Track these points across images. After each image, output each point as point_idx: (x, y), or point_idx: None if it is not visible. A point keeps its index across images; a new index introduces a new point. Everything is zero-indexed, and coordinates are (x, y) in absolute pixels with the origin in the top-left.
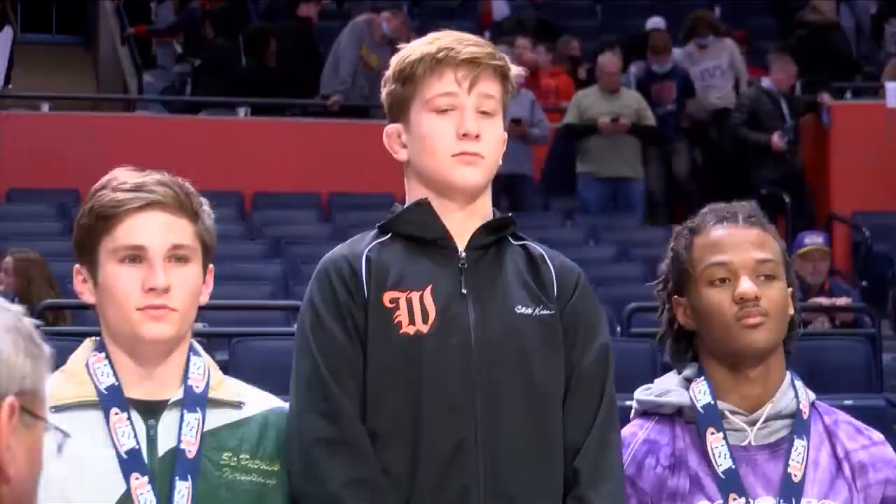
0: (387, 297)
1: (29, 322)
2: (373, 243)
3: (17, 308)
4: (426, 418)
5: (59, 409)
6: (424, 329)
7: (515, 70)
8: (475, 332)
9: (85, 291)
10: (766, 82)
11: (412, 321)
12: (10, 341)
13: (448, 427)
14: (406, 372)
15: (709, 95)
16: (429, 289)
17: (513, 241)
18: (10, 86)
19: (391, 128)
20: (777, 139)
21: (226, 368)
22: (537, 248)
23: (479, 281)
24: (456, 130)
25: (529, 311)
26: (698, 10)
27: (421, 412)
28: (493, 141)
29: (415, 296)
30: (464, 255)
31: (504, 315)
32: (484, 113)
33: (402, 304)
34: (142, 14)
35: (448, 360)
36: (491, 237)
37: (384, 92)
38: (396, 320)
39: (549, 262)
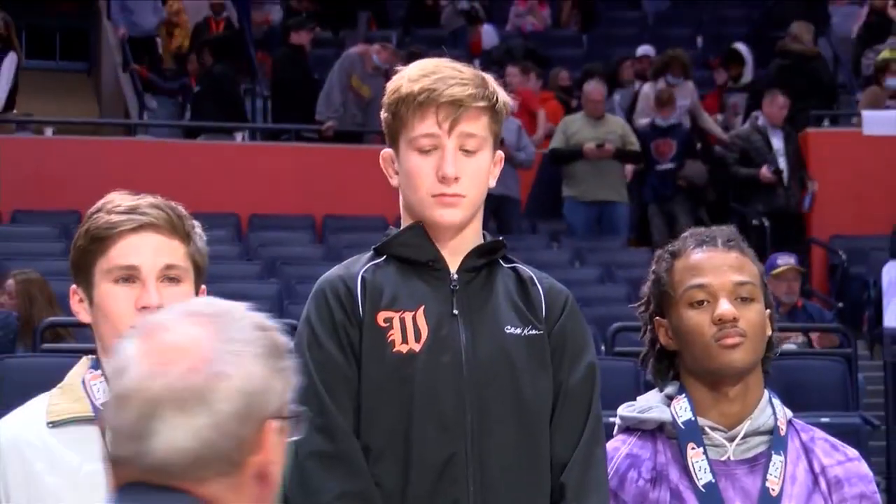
0: (381, 316)
1: (277, 330)
2: (368, 265)
3: (260, 318)
4: (417, 434)
5: (55, 424)
6: (417, 348)
7: (504, 98)
8: (466, 351)
9: (81, 311)
10: (760, 119)
11: (405, 340)
12: (263, 368)
13: (439, 443)
14: (399, 389)
15: None
16: (421, 309)
17: (503, 264)
18: (14, 111)
19: (386, 152)
20: (766, 171)
21: None
22: (527, 270)
23: (471, 302)
24: (435, 172)
25: (518, 331)
26: (676, 49)
27: (412, 428)
28: (475, 178)
29: (408, 316)
30: (455, 276)
31: (494, 335)
32: (466, 151)
33: (396, 323)
34: (144, 43)
35: (439, 378)
36: (482, 260)
37: (382, 116)
38: (390, 339)
39: (538, 284)
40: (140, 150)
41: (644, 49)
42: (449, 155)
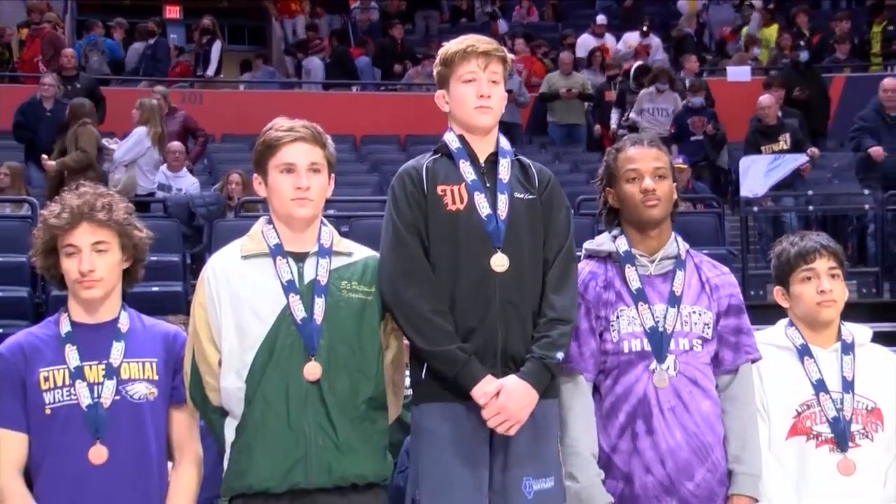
0: (439, 188)
1: None
2: (430, 158)
3: None
4: (463, 259)
5: (246, 257)
6: (461, 207)
7: (510, 56)
8: (491, 208)
9: (260, 190)
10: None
11: (454, 202)
12: None
13: (477, 265)
14: (450, 233)
15: (654, 129)
16: (463, 184)
17: (511, 158)
18: (221, 75)
19: (439, 93)
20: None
21: (347, 235)
22: (525, 160)
23: (493, 180)
24: (476, 93)
25: (522, 196)
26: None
27: (459, 255)
28: (499, 98)
29: (455, 188)
30: (483, 164)
31: (509, 199)
32: (493, 82)
33: (448, 192)
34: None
35: (473, 226)
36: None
37: (434, 72)
38: (444, 202)
39: (532, 167)
40: (295, 97)
41: (600, 18)
42: (484, 82)
